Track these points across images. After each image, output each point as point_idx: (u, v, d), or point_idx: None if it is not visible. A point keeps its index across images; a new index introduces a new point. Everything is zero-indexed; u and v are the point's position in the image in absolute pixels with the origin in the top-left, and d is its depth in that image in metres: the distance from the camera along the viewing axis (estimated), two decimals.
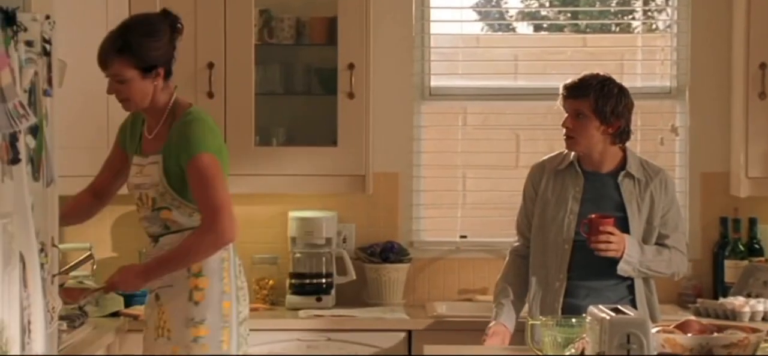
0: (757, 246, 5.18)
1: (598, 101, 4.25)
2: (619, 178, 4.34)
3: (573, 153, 4.38)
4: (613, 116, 4.26)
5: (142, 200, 3.92)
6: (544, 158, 4.50)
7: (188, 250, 3.81)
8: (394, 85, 5.31)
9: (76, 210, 4.15)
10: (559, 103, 4.34)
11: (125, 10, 4.98)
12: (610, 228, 4.17)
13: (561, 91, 4.33)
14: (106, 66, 3.84)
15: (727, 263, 5.15)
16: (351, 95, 5.00)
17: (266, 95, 5.14)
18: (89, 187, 4.13)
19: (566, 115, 4.30)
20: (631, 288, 4.29)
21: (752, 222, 5.20)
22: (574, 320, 3.72)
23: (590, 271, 4.24)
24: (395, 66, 5.31)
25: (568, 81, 4.33)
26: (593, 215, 4.19)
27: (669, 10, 5.48)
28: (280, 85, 5.21)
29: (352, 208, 5.32)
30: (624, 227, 4.25)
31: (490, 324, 4.33)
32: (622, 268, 4.21)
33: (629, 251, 4.19)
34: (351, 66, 4.99)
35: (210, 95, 4.97)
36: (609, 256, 4.18)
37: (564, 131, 4.30)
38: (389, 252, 5.24)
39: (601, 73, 4.36)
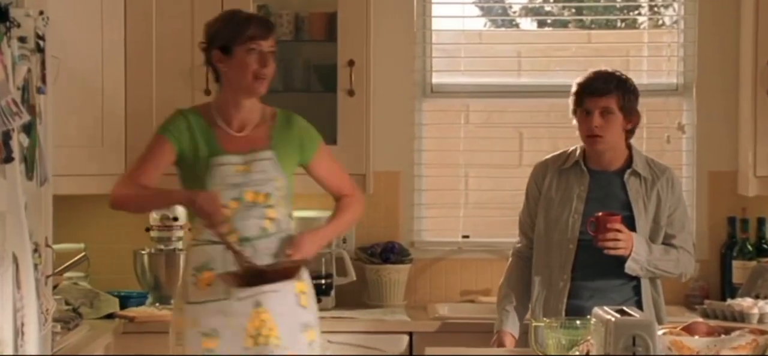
0: (765, 246, 5.18)
1: (624, 96, 4.28)
2: (625, 176, 4.34)
3: (578, 151, 4.39)
4: (635, 112, 4.31)
5: (239, 200, 3.89)
6: (548, 156, 4.50)
7: (352, 218, 4.22)
8: (395, 82, 5.32)
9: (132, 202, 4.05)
10: (573, 102, 4.32)
11: (120, 7, 4.99)
12: (618, 225, 4.16)
13: (578, 89, 4.30)
14: (268, 36, 3.93)
15: (735, 263, 5.15)
16: (351, 92, 5.00)
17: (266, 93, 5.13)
18: (135, 181, 3.93)
19: (586, 114, 4.26)
20: (636, 289, 4.29)
21: (760, 222, 5.20)
22: (578, 321, 3.72)
23: (595, 272, 4.24)
24: (396, 62, 5.32)
25: (583, 78, 4.31)
26: (600, 213, 4.19)
27: (675, 5, 5.48)
28: (278, 82, 5.16)
29: None
30: (630, 226, 4.25)
31: (495, 332, 4.34)
32: (630, 267, 4.21)
33: (637, 250, 4.20)
34: (351, 63, 4.99)
35: (207, 92, 4.97)
36: (617, 254, 4.17)
37: (585, 130, 4.27)
38: (390, 253, 5.24)
39: (609, 69, 4.36)
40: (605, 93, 4.26)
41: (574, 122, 4.37)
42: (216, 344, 3.87)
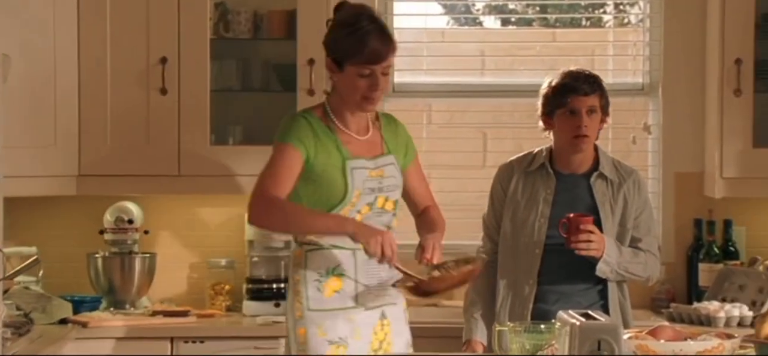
0: (732, 249, 5.21)
1: (604, 95, 4.32)
2: (592, 179, 4.35)
3: (544, 153, 4.40)
4: (608, 112, 4.35)
5: (371, 205, 3.82)
6: (513, 157, 4.50)
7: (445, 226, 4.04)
8: None
9: None
10: (549, 102, 4.30)
11: (74, 7, 4.97)
12: (591, 227, 4.18)
13: (559, 88, 4.28)
14: (387, 57, 3.75)
15: (702, 266, 5.19)
16: (311, 92, 4.99)
17: (222, 92, 5.13)
18: (279, 194, 3.74)
19: (571, 114, 4.27)
20: (602, 293, 4.30)
21: (727, 224, 5.23)
22: (543, 326, 3.73)
23: (561, 276, 4.25)
24: None
25: (561, 78, 4.31)
26: (572, 215, 4.20)
27: (641, 3, 5.51)
28: (236, 81, 5.20)
29: None
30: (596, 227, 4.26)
31: (465, 341, 4.35)
32: (601, 269, 4.22)
33: (609, 252, 4.21)
34: (311, 61, 4.98)
35: (163, 91, 4.96)
36: (589, 256, 4.18)
37: (572, 131, 4.27)
38: None
39: (580, 68, 4.39)
40: (591, 92, 4.29)
41: (541, 123, 4.39)
42: (344, 352, 3.80)
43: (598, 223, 4.27)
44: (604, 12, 5.67)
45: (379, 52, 3.70)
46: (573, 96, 4.27)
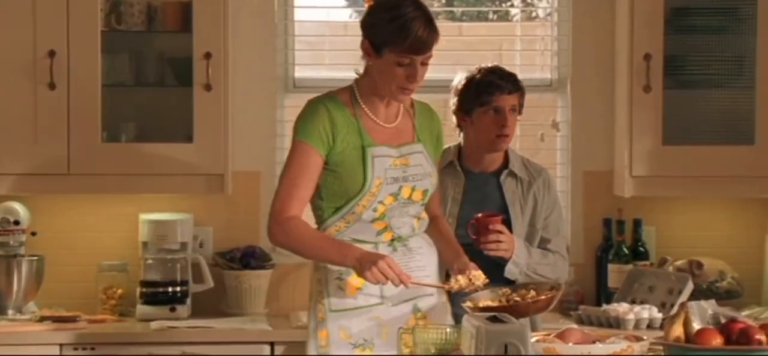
0: (641, 249, 5.26)
1: (523, 93, 4.38)
2: (502, 177, 4.40)
3: (453, 151, 4.43)
4: (522, 110, 4.41)
5: (396, 196, 3.76)
6: None
7: None
8: (255, 76, 5.30)
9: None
10: (466, 99, 4.33)
11: None
12: (500, 226, 4.21)
13: (481, 86, 4.31)
14: (430, 48, 3.70)
15: (611, 267, 5.23)
16: (208, 87, 4.96)
17: (114, 87, 5.07)
18: (302, 210, 3.77)
19: (495, 112, 4.30)
20: None
21: (637, 224, 5.28)
22: (448, 328, 3.74)
23: None
24: (256, 55, 5.30)
25: (483, 74, 4.33)
26: (480, 215, 4.22)
27: None
28: (129, 75, 5.14)
29: (209, 210, 5.30)
30: (506, 227, 4.30)
31: None
32: (510, 270, 4.25)
33: (518, 252, 4.25)
34: (207, 55, 4.95)
35: (51, 85, 4.89)
36: (498, 256, 4.21)
37: (496, 130, 4.31)
38: (250, 258, 5.21)
39: (483, 65, 4.42)
40: (515, 91, 4.33)
41: (454, 120, 4.41)
42: (371, 354, 3.76)
43: (507, 223, 4.31)
44: (512, 5, 5.69)
45: (424, 41, 3.66)
46: (498, 94, 4.31)
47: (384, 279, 3.60)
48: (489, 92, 4.31)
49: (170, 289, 5.10)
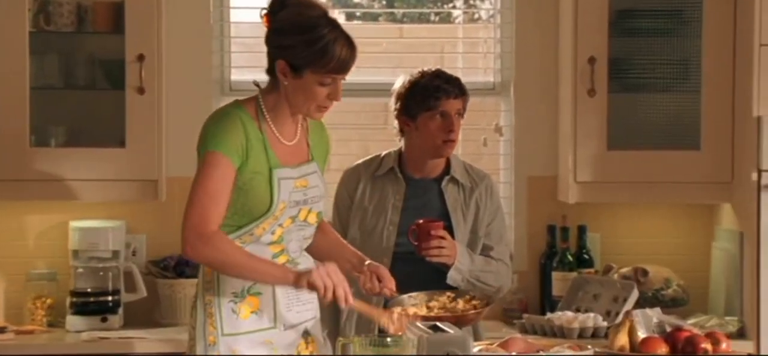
0: (586, 257, 5.29)
1: (468, 97, 4.40)
2: (443, 184, 4.41)
3: (393, 157, 4.43)
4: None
5: (294, 218, 3.72)
6: (359, 161, 4.52)
7: None
8: (190, 78, 5.28)
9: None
10: (408, 104, 4.33)
11: None
12: (442, 232, 4.22)
13: (425, 90, 4.31)
14: (352, 65, 3.69)
15: (555, 275, 5.25)
16: (141, 90, 4.94)
17: (43, 90, 5.04)
18: (217, 221, 3.62)
19: (441, 117, 4.31)
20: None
21: (581, 230, 5.30)
22: (389, 339, 3.73)
23: (411, 286, 4.26)
24: (191, 57, 5.29)
25: (428, 78, 4.33)
26: (421, 221, 4.23)
27: None
28: (59, 78, 5.10)
29: (142, 217, 5.28)
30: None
31: None
32: (452, 277, 4.26)
33: (460, 259, 4.26)
34: (141, 57, 4.93)
35: None
36: (440, 263, 4.22)
37: (443, 135, 4.32)
38: (185, 266, 5.20)
39: (425, 68, 4.42)
40: (460, 95, 4.35)
41: (396, 124, 4.42)
42: None
43: (449, 229, 4.32)
44: (454, 7, 5.70)
45: (347, 61, 3.66)
46: (445, 98, 4.32)
47: (330, 282, 3.56)
48: (435, 96, 4.32)
49: (101, 299, 5.07)
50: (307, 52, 3.60)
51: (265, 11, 3.70)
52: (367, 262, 3.86)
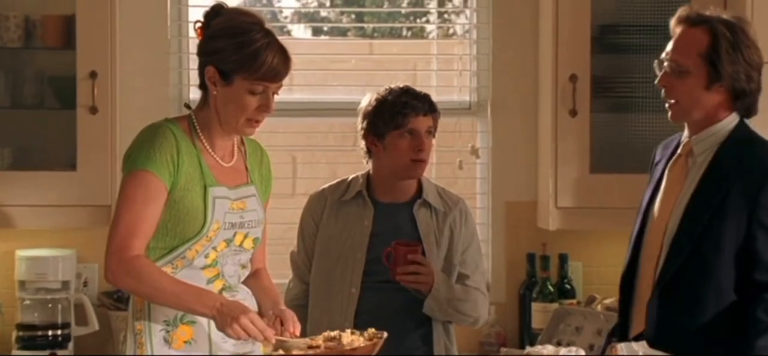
0: (568, 287, 5.29)
1: (438, 115, 4.38)
2: (415, 208, 4.39)
3: (361, 180, 4.42)
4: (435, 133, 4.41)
5: (229, 242, 3.70)
6: (325, 185, 4.50)
7: None
8: (146, 97, 5.27)
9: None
10: (376, 122, 4.32)
11: None
12: (420, 257, 4.22)
13: (394, 107, 4.30)
14: (284, 76, 3.70)
15: (535, 306, 5.25)
16: (93, 109, 4.93)
17: None
18: (144, 248, 3.62)
19: (410, 135, 4.30)
20: (426, 338, 4.32)
21: (562, 259, 5.31)
22: None
23: (380, 317, 4.21)
24: (147, 74, 5.28)
25: (396, 95, 4.32)
26: (396, 243, 4.23)
27: (467, 12, 5.56)
28: (5, 96, 5.10)
29: (94, 245, 5.14)
30: None
31: None
32: (429, 306, 4.24)
33: (438, 287, 4.24)
34: (93, 74, 4.92)
35: None
36: (417, 289, 4.21)
37: (412, 154, 4.30)
38: None
39: (393, 85, 4.41)
40: (430, 112, 4.33)
41: (363, 145, 4.40)
42: None
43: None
44: (427, 22, 5.71)
45: (279, 68, 3.66)
46: (414, 116, 4.31)
47: (246, 335, 3.54)
48: (403, 113, 4.31)
49: (50, 333, 5.06)
50: (237, 55, 3.61)
51: (199, 23, 3.71)
52: (275, 308, 3.80)
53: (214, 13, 3.69)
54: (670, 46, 3.75)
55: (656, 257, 3.73)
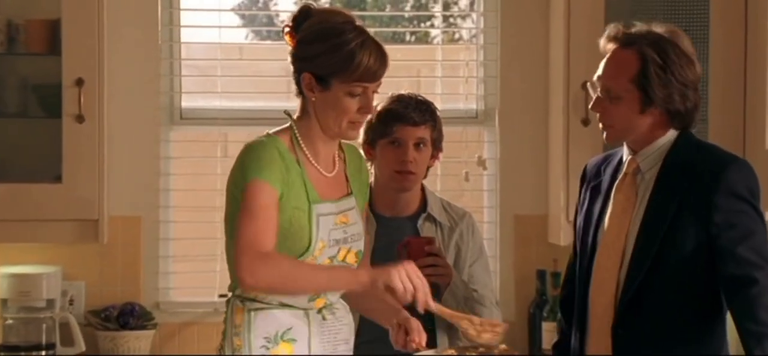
0: None
1: (436, 126, 4.36)
2: (419, 222, 4.38)
3: None
4: (441, 146, 4.39)
5: (333, 259, 3.69)
6: None
7: None
8: (136, 105, 5.27)
9: None
10: (370, 130, 4.32)
11: None
12: (437, 249, 4.22)
13: (382, 115, 4.31)
14: (383, 73, 3.71)
15: (545, 325, 5.22)
16: (80, 118, 4.92)
17: None
18: (272, 243, 3.60)
19: (395, 145, 4.30)
20: None
21: None
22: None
23: (382, 340, 4.14)
24: (136, 82, 5.28)
25: (385, 103, 4.33)
26: (408, 237, 4.25)
27: (474, 16, 5.54)
28: None
29: (81, 261, 5.26)
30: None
31: None
32: (446, 301, 4.20)
33: (455, 281, 4.24)
34: (80, 82, 4.91)
35: None
36: (436, 281, 4.17)
37: (395, 164, 4.30)
38: (129, 316, 5.18)
39: (408, 92, 4.41)
40: (421, 122, 4.31)
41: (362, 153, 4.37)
42: None
43: None
44: (432, 26, 5.71)
45: (375, 69, 3.67)
46: (399, 125, 4.30)
47: (411, 286, 3.56)
48: (390, 121, 4.31)
49: (34, 354, 5.05)
50: (332, 59, 3.63)
51: (287, 28, 3.74)
52: (399, 315, 3.81)
53: (304, 16, 3.71)
54: (601, 68, 3.75)
55: (614, 279, 3.72)
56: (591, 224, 3.85)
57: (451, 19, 5.69)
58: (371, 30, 5.29)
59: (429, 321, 4.26)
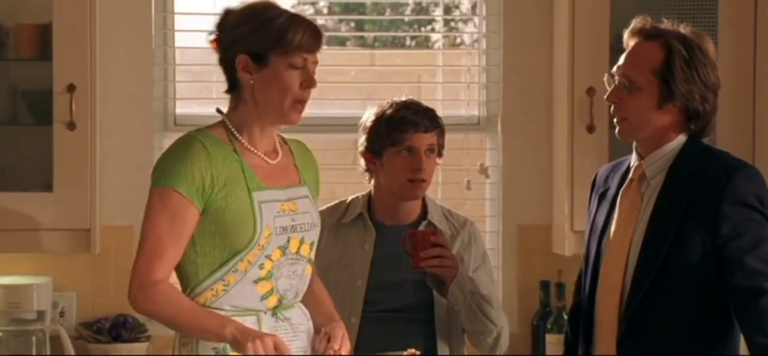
0: None
1: (443, 132, 4.37)
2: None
3: (361, 202, 4.43)
4: (442, 151, 4.39)
5: (284, 249, 3.66)
6: (323, 208, 4.46)
7: None
8: (129, 112, 5.28)
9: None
10: (376, 138, 4.32)
11: None
12: (443, 240, 4.22)
13: (392, 122, 4.30)
14: (319, 46, 3.73)
15: (549, 338, 5.20)
16: (71, 125, 4.92)
17: None
18: (169, 272, 3.65)
19: (408, 153, 4.30)
20: None
21: None
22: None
23: (382, 350, 4.18)
24: (129, 88, 5.27)
25: (394, 109, 4.32)
26: (412, 230, 4.25)
27: (476, 20, 5.53)
28: None
29: (72, 272, 5.26)
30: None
31: None
32: (453, 294, 4.22)
33: (462, 274, 4.24)
34: (71, 87, 4.91)
35: None
36: (442, 274, 4.20)
37: (408, 173, 4.30)
38: (121, 328, 5.18)
39: (396, 98, 4.40)
40: (432, 129, 4.33)
41: (362, 162, 4.41)
42: None
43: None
44: (433, 30, 5.72)
45: (311, 38, 3.67)
46: (412, 132, 4.30)
47: (262, 350, 3.51)
48: (400, 129, 4.30)
49: None
50: (266, 33, 3.63)
51: (212, 35, 3.71)
52: (328, 322, 3.81)
53: (225, 15, 3.70)
54: (622, 59, 3.73)
55: (619, 289, 3.71)
56: (596, 232, 3.84)
57: (453, 23, 5.70)
58: (370, 34, 5.29)
59: (429, 325, 4.25)
